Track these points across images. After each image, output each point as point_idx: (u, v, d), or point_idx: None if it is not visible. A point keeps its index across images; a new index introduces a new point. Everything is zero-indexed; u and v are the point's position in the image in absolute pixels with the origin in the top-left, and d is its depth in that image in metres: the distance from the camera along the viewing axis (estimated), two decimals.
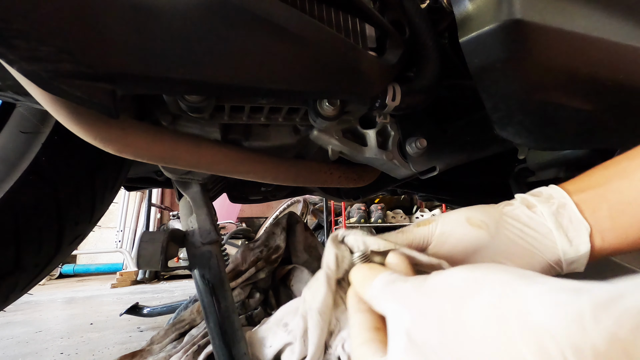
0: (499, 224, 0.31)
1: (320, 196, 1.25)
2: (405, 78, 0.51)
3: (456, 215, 0.32)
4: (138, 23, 0.30)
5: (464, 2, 0.38)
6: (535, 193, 0.33)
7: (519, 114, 0.43)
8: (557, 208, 0.30)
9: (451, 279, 0.22)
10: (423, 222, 0.33)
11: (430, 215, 3.79)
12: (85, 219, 0.64)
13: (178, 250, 0.62)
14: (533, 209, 0.31)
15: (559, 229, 0.30)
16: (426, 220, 0.33)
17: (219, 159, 0.48)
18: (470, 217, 0.31)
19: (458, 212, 0.33)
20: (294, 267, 1.07)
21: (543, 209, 0.31)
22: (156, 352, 0.84)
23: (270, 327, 0.58)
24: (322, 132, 0.51)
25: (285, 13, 0.35)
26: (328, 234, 4.28)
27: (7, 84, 0.39)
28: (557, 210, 0.30)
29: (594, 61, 0.38)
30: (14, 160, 0.53)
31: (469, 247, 0.31)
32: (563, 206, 0.30)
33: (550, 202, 0.31)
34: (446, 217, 0.32)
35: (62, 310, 1.99)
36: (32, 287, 0.65)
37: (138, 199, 4.69)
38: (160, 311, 1.31)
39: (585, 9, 0.36)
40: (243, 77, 0.35)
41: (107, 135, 0.39)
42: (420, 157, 0.55)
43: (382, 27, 0.44)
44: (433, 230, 0.32)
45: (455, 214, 0.32)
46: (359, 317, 0.27)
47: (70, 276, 4.44)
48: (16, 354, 1.14)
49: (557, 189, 0.32)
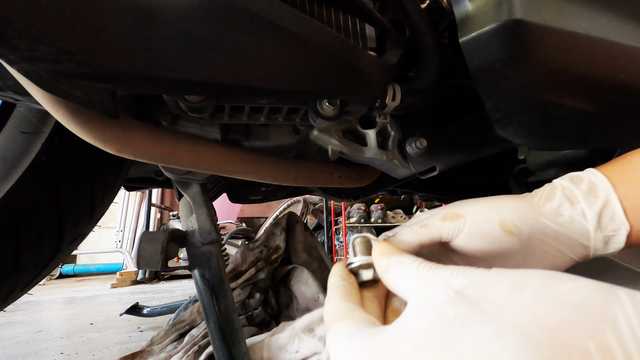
0: (534, 226, 0.28)
1: (320, 196, 1.24)
2: (405, 78, 0.51)
3: (487, 214, 0.29)
4: (138, 23, 0.30)
5: (464, 2, 0.38)
6: (575, 180, 0.30)
7: (519, 114, 0.43)
8: (601, 207, 0.28)
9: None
10: (449, 215, 0.30)
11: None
12: (85, 219, 0.64)
13: (178, 250, 0.62)
14: (575, 205, 0.29)
15: (597, 230, 0.28)
16: (454, 214, 0.30)
17: (219, 159, 0.48)
18: (503, 220, 0.28)
19: (489, 207, 0.30)
20: (293, 267, 1.08)
21: (586, 208, 0.28)
22: (156, 353, 0.84)
23: (295, 333, 0.58)
24: (322, 132, 0.51)
25: (285, 13, 0.35)
26: (328, 234, 4.28)
27: (7, 84, 0.39)
28: (601, 210, 0.28)
29: (594, 61, 0.38)
30: (14, 160, 0.53)
31: (497, 253, 0.29)
32: (607, 203, 0.28)
33: (594, 196, 0.28)
34: (476, 212, 0.29)
35: (62, 310, 1.99)
36: (32, 287, 0.65)
37: (138, 199, 4.69)
38: (160, 311, 1.31)
39: (586, 9, 0.36)
40: (243, 77, 0.35)
41: (107, 135, 0.39)
42: (420, 157, 0.55)
43: (382, 27, 0.44)
44: (460, 228, 0.29)
45: (486, 212, 0.29)
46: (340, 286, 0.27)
47: (70, 276, 4.44)
48: (16, 354, 1.14)
49: (600, 177, 0.29)
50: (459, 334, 0.17)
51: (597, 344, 0.13)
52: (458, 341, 0.17)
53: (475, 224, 0.29)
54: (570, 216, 0.28)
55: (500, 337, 0.15)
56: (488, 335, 0.16)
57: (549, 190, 0.31)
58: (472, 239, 0.29)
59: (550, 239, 0.29)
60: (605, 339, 0.13)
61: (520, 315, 0.16)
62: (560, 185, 0.30)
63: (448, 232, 0.30)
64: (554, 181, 0.32)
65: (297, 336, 0.59)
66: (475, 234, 0.29)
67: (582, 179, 0.30)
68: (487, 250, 0.29)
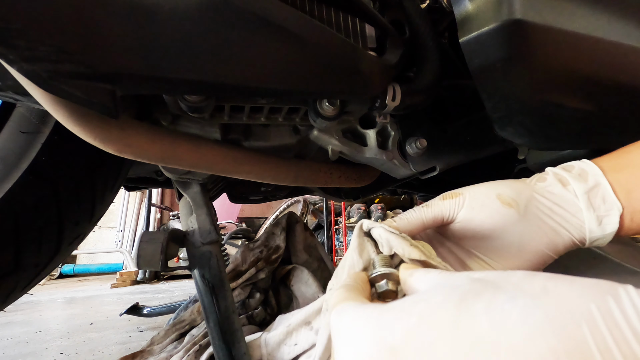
0: (529, 201, 0.30)
1: (320, 196, 1.24)
2: (405, 78, 0.51)
3: (485, 189, 0.30)
4: (138, 23, 0.30)
5: (464, 2, 0.38)
6: (567, 167, 0.32)
7: (519, 114, 0.43)
8: (591, 187, 0.29)
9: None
10: (449, 195, 0.31)
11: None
12: (85, 219, 0.64)
13: (178, 250, 0.62)
14: (567, 186, 0.30)
15: (589, 209, 0.29)
16: (453, 193, 0.31)
17: (219, 159, 0.48)
18: (500, 194, 0.30)
19: (487, 186, 0.31)
20: (293, 267, 1.08)
21: (576, 187, 0.30)
22: (157, 353, 0.84)
23: (293, 328, 0.58)
24: (322, 132, 0.51)
25: (285, 13, 0.35)
26: (328, 234, 4.28)
27: (7, 84, 0.39)
28: (590, 190, 0.29)
29: (594, 61, 0.38)
30: (14, 160, 0.53)
31: (497, 226, 0.30)
32: (597, 185, 0.29)
33: (584, 179, 0.30)
34: (474, 190, 0.31)
35: (62, 310, 1.99)
36: (32, 287, 0.65)
37: (138, 199, 4.69)
38: (160, 311, 1.31)
39: (586, 9, 0.36)
40: (243, 77, 0.35)
41: (107, 135, 0.39)
42: (420, 157, 0.55)
43: (382, 27, 0.44)
44: (460, 203, 0.30)
45: (484, 188, 0.31)
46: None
47: (70, 276, 4.44)
48: (16, 354, 1.14)
49: (591, 165, 0.31)
50: (474, 298, 0.18)
51: (598, 307, 0.15)
52: (472, 302, 0.18)
53: (474, 198, 0.30)
54: (562, 195, 0.30)
55: (512, 300, 0.17)
56: (501, 299, 0.18)
57: (540, 175, 0.32)
58: (473, 213, 0.30)
59: (545, 216, 0.30)
60: (607, 303, 0.15)
61: (532, 287, 0.18)
62: (552, 171, 0.32)
63: (449, 209, 0.30)
64: (546, 169, 0.33)
65: (294, 331, 0.60)
66: (474, 208, 0.30)
67: (573, 167, 0.32)
68: (487, 226, 0.30)
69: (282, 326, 0.65)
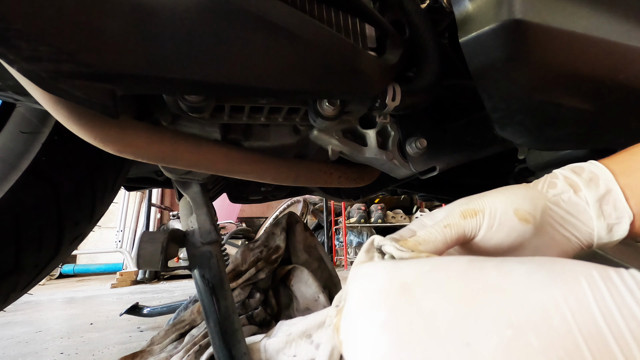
0: (544, 212, 0.29)
1: (320, 196, 1.24)
2: (405, 78, 0.51)
3: (503, 204, 0.30)
4: (138, 23, 0.30)
5: (464, 2, 0.38)
6: (577, 170, 0.31)
7: (519, 114, 0.43)
8: (602, 195, 0.29)
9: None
10: (468, 212, 0.30)
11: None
12: (85, 219, 0.64)
13: (178, 250, 0.62)
14: (578, 193, 0.30)
15: (599, 217, 0.29)
16: (471, 211, 0.30)
17: (219, 159, 0.48)
18: (518, 209, 0.29)
19: (504, 199, 0.30)
20: (294, 267, 1.07)
21: (588, 194, 0.29)
22: (157, 353, 0.84)
23: (293, 339, 0.58)
24: (322, 132, 0.51)
25: (285, 13, 0.35)
26: (328, 234, 4.28)
27: (7, 84, 0.39)
28: (602, 197, 0.29)
29: (594, 61, 0.38)
30: (14, 160, 0.53)
31: (515, 242, 0.29)
32: (609, 192, 0.29)
33: (595, 185, 0.29)
34: (493, 207, 0.30)
35: (62, 310, 1.99)
36: (32, 287, 0.65)
37: (138, 199, 4.69)
38: (160, 311, 1.31)
39: (586, 9, 0.36)
40: (243, 77, 0.35)
41: (107, 135, 0.39)
42: (420, 157, 0.55)
43: (382, 27, 0.44)
44: (480, 223, 0.30)
45: (501, 203, 0.30)
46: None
47: (70, 276, 4.44)
48: (16, 354, 1.14)
49: (601, 168, 0.30)
50: (484, 260, 0.21)
51: (598, 272, 0.19)
52: (483, 260, 0.21)
53: (492, 217, 0.30)
54: (574, 203, 0.29)
55: (519, 264, 0.20)
56: (509, 262, 0.21)
57: (550, 179, 0.32)
58: (491, 233, 0.30)
59: (558, 226, 0.30)
60: (606, 270, 0.19)
61: (539, 258, 0.21)
62: (562, 175, 0.31)
63: (470, 229, 0.30)
64: (555, 171, 0.32)
65: (294, 341, 0.60)
66: (492, 228, 0.30)
67: (583, 169, 0.31)
68: (505, 244, 0.30)
69: (283, 334, 0.65)
